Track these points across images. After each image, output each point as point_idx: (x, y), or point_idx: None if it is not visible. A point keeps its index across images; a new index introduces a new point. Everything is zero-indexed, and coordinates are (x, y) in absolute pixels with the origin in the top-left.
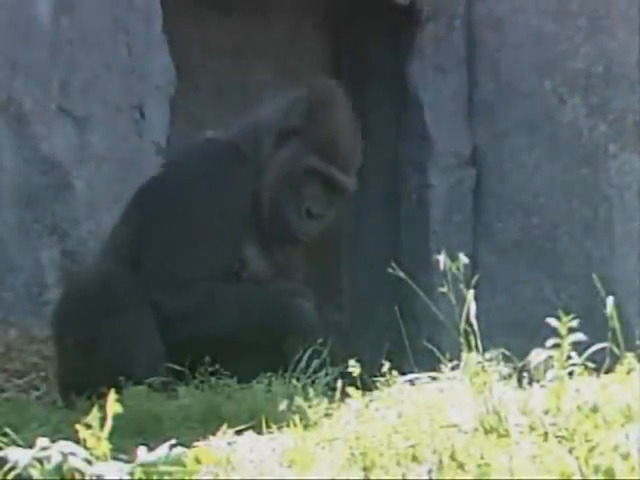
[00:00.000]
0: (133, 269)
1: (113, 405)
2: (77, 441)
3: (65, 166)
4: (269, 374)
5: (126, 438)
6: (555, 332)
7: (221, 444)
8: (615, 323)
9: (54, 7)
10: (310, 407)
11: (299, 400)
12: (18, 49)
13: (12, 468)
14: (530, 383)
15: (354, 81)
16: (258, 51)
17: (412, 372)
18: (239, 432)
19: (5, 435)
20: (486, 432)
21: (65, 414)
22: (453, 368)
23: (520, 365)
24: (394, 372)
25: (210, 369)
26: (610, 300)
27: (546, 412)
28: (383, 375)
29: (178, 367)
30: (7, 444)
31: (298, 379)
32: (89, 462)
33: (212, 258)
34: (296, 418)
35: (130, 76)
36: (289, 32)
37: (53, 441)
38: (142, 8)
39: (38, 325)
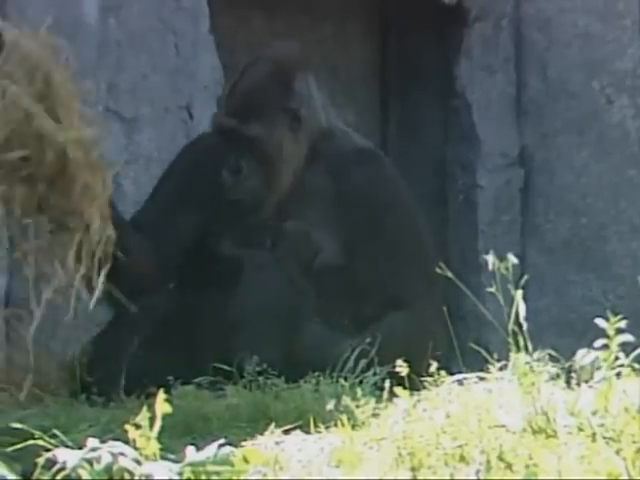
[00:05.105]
0: None
1: (162, 405)
2: (126, 441)
3: (113, 167)
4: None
5: (175, 438)
6: (603, 333)
7: (269, 444)
8: None
9: (101, 8)
10: (358, 407)
11: (347, 400)
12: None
13: (61, 469)
14: (578, 384)
15: (401, 82)
16: (304, 51)
17: (460, 372)
18: (287, 432)
19: (54, 436)
20: (534, 433)
21: (114, 414)
22: (501, 368)
23: (568, 366)
24: (442, 372)
25: (258, 369)
26: None
27: (594, 413)
28: (431, 375)
29: (226, 367)
30: (56, 445)
31: (346, 379)
32: (138, 462)
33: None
34: (344, 418)
35: (178, 76)
36: (335, 33)
37: (102, 441)
38: (189, 8)
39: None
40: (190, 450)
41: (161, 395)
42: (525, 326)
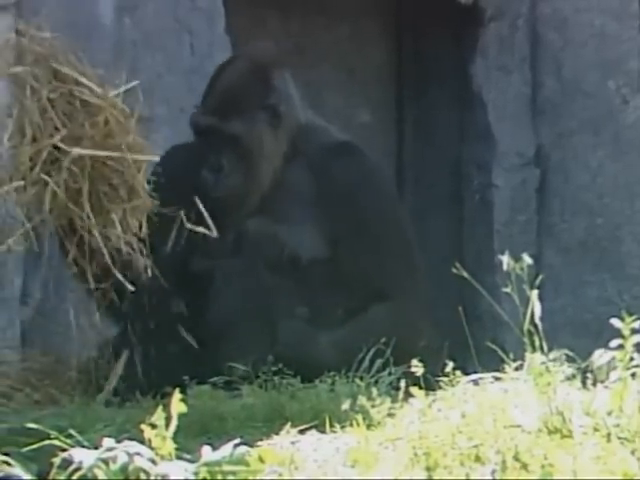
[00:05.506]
0: None
1: (178, 405)
2: (142, 441)
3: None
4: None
5: (190, 438)
6: (618, 333)
7: (285, 443)
8: None
9: (116, 8)
10: (373, 407)
11: (362, 400)
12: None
13: (77, 469)
14: (594, 384)
15: (417, 81)
16: (319, 51)
17: (476, 372)
18: (302, 431)
19: (70, 436)
20: (550, 433)
21: (130, 414)
22: (517, 368)
23: (584, 366)
24: (458, 372)
25: (273, 368)
26: None
27: (609, 413)
28: (447, 375)
29: (241, 367)
30: (72, 445)
31: (361, 378)
32: (154, 462)
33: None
34: (359, 418)
35: (193, 76)
36: (351, 32)
37: (118, 441)
38: (205, 8)
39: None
40: (206, 450)
41: (176, 395)
42: (541, 326)
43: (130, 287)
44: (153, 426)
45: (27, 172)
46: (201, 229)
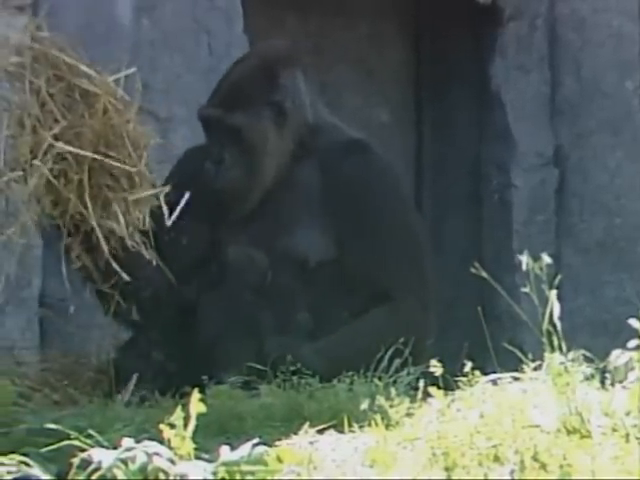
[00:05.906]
0: None
1: (196, 404)
2: (161, 441)
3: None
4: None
5: (209, 437)
6: (636, 333)
7: (303, 443)
8: None
9: (135, 8)
10: (392, 406)
11: (381, 399)
12: (99, 50)
13: (96, 469)
14: (612, 384)
15: (436, 82)
16: (338, 51)
17: (495, 372)
18: (321, 431)
19: (89, 437)
20: (568, 433)
21: (149, 414)
22: (536, 368)
23: (602, 366)
24: (476, 372)
25: (292, 368)
26: None
27: (627, 413)
28: (465, 375)
29: (260, 366)
30: (91, 445)
31: (380, 378)
32: (173, 462)
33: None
34: (378, 417)
35: (211, 76)
36: (369, 33)
37: (137, 441)
38: (223, 8)
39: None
40: (224, 450)
41: (195, 395)
42: (559, 326)
43: (126, 277)
44: (172, 426)
45: (28, 164)
46: (165, 210)
